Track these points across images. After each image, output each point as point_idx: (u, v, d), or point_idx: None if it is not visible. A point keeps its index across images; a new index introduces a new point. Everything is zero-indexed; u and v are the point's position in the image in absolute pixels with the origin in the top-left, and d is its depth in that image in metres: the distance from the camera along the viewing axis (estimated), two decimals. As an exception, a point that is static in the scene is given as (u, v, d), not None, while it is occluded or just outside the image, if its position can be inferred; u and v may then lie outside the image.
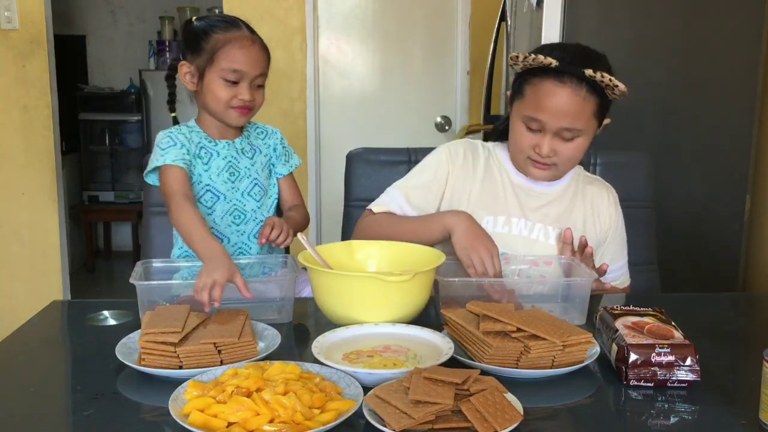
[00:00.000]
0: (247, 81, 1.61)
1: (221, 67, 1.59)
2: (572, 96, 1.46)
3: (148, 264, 1.42)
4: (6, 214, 3.33)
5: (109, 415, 1.00)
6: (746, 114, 2.34)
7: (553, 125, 1.48)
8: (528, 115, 1.51)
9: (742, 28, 2.30)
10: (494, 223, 1.59)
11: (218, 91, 1.61)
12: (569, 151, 1.52)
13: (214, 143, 1.67)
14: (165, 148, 1.59)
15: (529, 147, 1.54)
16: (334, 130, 3.71)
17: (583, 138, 1.52)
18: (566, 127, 1.48)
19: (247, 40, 1.61)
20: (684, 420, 1.01)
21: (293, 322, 1.36)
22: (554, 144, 1.51)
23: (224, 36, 1.60)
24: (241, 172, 1.68)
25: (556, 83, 1.47)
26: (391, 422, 0.90)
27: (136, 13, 5.32)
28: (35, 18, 3.23)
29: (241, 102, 1.61)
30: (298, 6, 3.55)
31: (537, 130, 1.51)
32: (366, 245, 1.52)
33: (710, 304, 1.56)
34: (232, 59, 1.59)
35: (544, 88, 1.48)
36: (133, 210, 4.88)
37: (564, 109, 1.46)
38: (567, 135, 1.50)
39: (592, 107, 1.49)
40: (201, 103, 1.67)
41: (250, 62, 1.60)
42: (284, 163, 1.76)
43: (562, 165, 1.55)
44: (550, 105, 1.47)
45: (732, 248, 2.39)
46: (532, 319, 1.14)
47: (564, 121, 1.47)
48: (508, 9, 2.86)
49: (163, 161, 1.57)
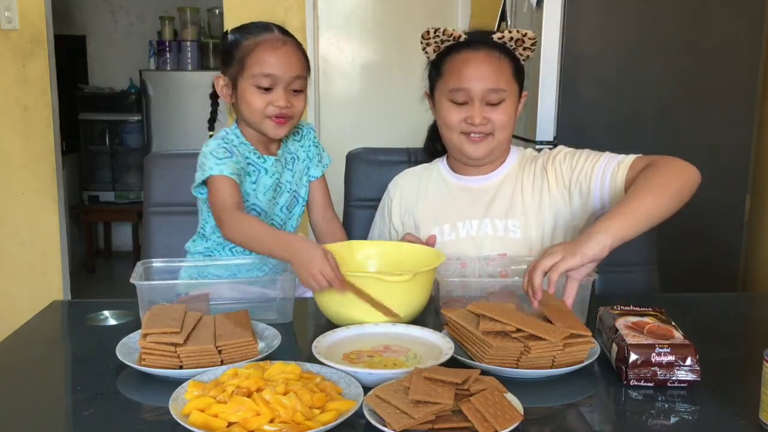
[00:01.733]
0: (281, 86, 1.50)
1: (252, 74, 1.50)
2: (488, 58, 1.53)
3: (148, 264, 1.42)
4: (6, 214, 3.33)
5: (109, 415, 1.00)
6: (746, 114, 2.34)
7: (478, 89, 1.51)
8: (452, 88, 1.54)
9: (742, 28, 2.30)
10: (441, 233, 1.60)
11: (252, 100, 1.50)
12: (500, 116, 1.54)
13: (263, 159, 1.58)
14: (222, 158, 1.48)
15: (459, 121, 1.54)
16: (334, 130, 3.71)
17: (509, 102, 1.54)
18: (491, 88, 1.51)
19: (278, 41, 1.52)
20: (684, 420, 1.01)
21: (293, 322, 1.36)
22: (484, 111, 1.53)
23: (253, 41, 1.51)
24: (282, 187, 1.61)
25: (470, 51, 1.54)
26: (392, 422, 0.90)
27: (136, 13, 5.31)
28: (35, 18, 3.23)
29: (277, 109, 1.50)
30: (298, 6, 3.55)
31: (464, 102, 1.53)
32: (366, 245, 1.52)
33: (710, 304, 1.56)
34: (263, 63, 1.49)
35: (461, 59, 1.54)
36: (133, 210, 4.88)
37: (484, 72, 1.52)
38: (494, 98, 1.52)
39: (509, 68, 1.54)
40: (238, 115, 1.58)
41: (281, 64, 1.50)
42: (317, 164, 1.68)
43: (497, 133, 1.55)
44: (471, 70, 1.52)
45: (732, 248, 2.39)
46: (531, 319, 1.14)
47: (487, 82, 1.51)
48: (508, 9, 2.86)
49: (219, 171, 1.46)
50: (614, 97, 2.33)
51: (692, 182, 1.41)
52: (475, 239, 1.57)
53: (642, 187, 1.35)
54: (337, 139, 3.69)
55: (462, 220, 1.59)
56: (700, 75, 2.32)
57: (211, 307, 1.32)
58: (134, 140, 5.08)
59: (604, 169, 1.50)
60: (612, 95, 2.33)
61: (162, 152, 2.75)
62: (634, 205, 1.31)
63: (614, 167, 1.49)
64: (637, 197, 1.33)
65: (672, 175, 1.38)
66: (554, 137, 2.31)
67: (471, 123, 1.53)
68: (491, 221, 1.57)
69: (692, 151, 2.34)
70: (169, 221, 1.82)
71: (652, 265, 1.86)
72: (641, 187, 1.35)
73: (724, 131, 2.35)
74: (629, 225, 1.28)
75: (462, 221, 1.59)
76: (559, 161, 1.57)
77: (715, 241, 2.38)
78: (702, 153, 2.35)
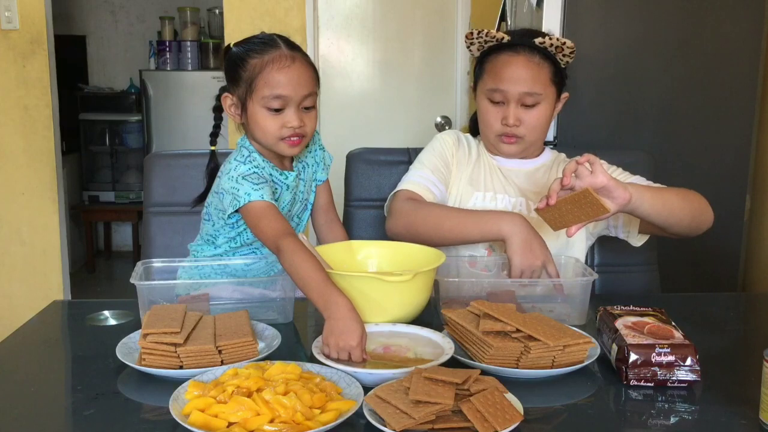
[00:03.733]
0: (293, 106, 1.43)
1: (262, 95, 1.42)
2: (527, 62, 1.58)
3: (148, 264, 1.42)
4: (6, 214, 3.33)
5: (109, 415, 1.00)
6: (746, 114, 2.34)
7: (514, 91, 1.58)
8: (490, 87, 1.61)
9: (742, 28, 2.30)
10: (483, 198, 1.66)
11: (264, 123, 1.44)
12: (533, 120, 1.60)
13: (284, 176, 1.53)
14: (258, 183, 1.42)
15: (495, 120, 1.62)
16: (334, 130, 3.71)
17: (545, 104, 1.60)
18: (527, 92, 1.57)
19: (287, 59, 1.43)
20: (684, 420, 1.01)
21: (293, 322, 1.36)
22: (518, 113, 1.59)
23: (260, 59, 1.43)
24: (297, 197, 1.59)
25: (510, 54, 1.59)
26: (392, 422, 0.90)
27: (136, 13, 5.32)
28: (35, 18, 3.23)
29: (291, 130, 1.44)
30: (298, 6, 3.54)
31: (500, 102, 1.60)
32: (366, 245, 1.52)
33: (710, 304, 1.56)
34: (273, 84, 1.42)
35: (501, 60, 1.60)
36: (134, 210, 4.88)
37: (522, 75, 1.58)
38: (529, 100, 1.58)
39: (547, 72, 1.60)
40: (249, 135, 1.51)
41: (292, 84, 1.42)
42: (323, 168, 1.66)
43: (528, 135, 1.62)
44: (509, 73, 1.58)
45: (732, 248, 2.39)
46: (531, 320, 1.14)
47: (523, 85, 1.57)
48: (508, 9, 2.86)
49: (260, 197, 1.39)
50: (614, 97, 2.33)
51: (707, 218, 1.55)
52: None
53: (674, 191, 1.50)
54: (337, 139, 3.68)
55: (502, 193, 1.66)
56: (700, 75, 2.32)
57: (211, 307, 1.33)
58: (134, 140, 5.08)
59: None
60: (612, 95, 2.33)
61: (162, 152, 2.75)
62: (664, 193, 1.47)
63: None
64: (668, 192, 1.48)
65: (697, 202, 1.53)
66: (554, 137, 2.31)
67: (505, 124, 1.60)
68: (526, 201, 1.65)
69: (692, 151, 2.36)
70: (169, 221, 1.82)
71: (652, 265, 1.86)
72: (673, 190, 1.50)
73: (724, 131, 2.35)
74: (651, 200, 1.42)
75: (502, 194, 1.66)
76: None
77: (715, 241, 2.38)
78: (702, 153, 2.35)
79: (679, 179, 2.32)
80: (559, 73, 1.63)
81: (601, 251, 1.83)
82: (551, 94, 1.62)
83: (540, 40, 1.57)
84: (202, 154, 1.67)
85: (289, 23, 3.55)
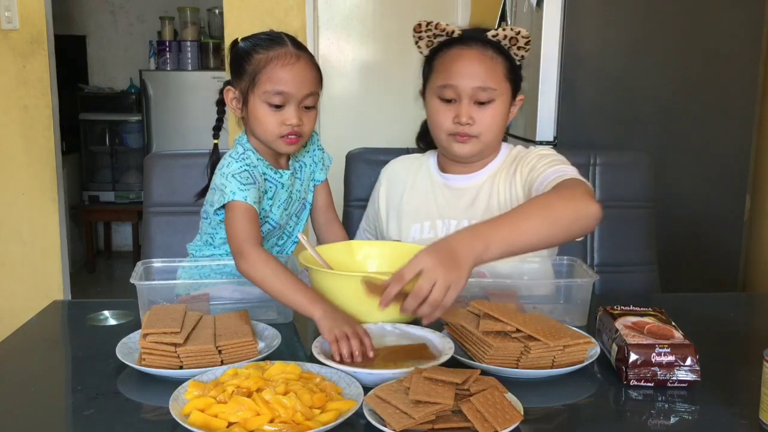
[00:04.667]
0: (294, 103, 1.45)
1: (264, 90, 1.44)
2: (480, 56, 1.49)
3: (148, 264, 1.42)
4: (6, 214, 3.33)
5: (109, 415, 1.00)
6: (746, 114, 2.34)
7: (466, 87, 1.48)
8: (440, 84, 1.51)
9: (742, 28, 2.30)
10: (420, 230, 1.59)
11: (263, 118, 1.46)
12: (487, 118, 1.50)
13: (279, 174, 1.54)
14: (246, 183, 1.43)
15: (446, 119, 1.51)
16: (334, 130, 3.71)
17: (499, 102, 1.50)
18: (480, 86, 1.48)
19: (291, 56, 1.45)
20: (684, 420, 1.01)
21: (293, 322, 1.36)
22: (471, 110, 1.49)
23: (266, 55, 1.45)
24: (293, 196, 1.59)
25: (462, 47, 1.51)
26: (392, 422, 0.90)
27: (136, 13, 5.31)
28: (35, 18, 3.23)
29: (289, 128, 1.45)
30: (298, 6, 3.54)
31: (452, 99, 1.50)
32: (366, 245, 1.52)
33: (710, 304, 1.56)
34: (276, 80, 1.43)
35: (451, 54, 1.51)
36: (134, 210, 4.88)
37: (474, 69, 1.48)
38: (483, 96, 1.48)
39: (501, 68, 1.50)
40: (248, 130, 1.53)
41: (295, 81, 1.44)
42: (322, 168, 1.66)
43: (483, 135, 1.51)
44: (460, 67, 1.49)
45: (732, 248, 2.39)
46: (531, 320, 1.14)
47: (476, 80, 1.48)
48: (508, 9, 2.86)
49: (243, 197, 1.41)
50: (614, 97, 2.33)
51: (587, 215, 1.27)
52: None
53: (538, 207, 1.27)
54: (337, 139, 3.67)
55: (442, 218, 1.58)
56: (700, 75, 2.32)
57: (211, 307, 1.33)
58: (134, 140, 5.08)
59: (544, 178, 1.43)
60: (612, 95, 2.33)
61: (162, 152, 2.74)
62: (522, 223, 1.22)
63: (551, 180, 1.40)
64: (529, 220, 1.23)
65: (568, 209, 1.27)
66: (554, 137, 2.31)
67: (458, 122, 1.50)
68: (469, 222, 1.54)
69: (692, 151, 2.36)
70: (169, 221, 1.82)
71: (652, 265, 1.86)
72: (538, 206, 1.28)
73: (724, 131, 2.35)
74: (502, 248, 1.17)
75: (442, 220, 1.58)
76: (526, 163, 1.53)
77: (715, 241, 2.38)
78: (702, 153, 2.36)
79: (679, 179, 2.34)
80: (514, 71, 1.53)
81: (601, 251, 1.83)
82: (506, 92, 1.52)
83: (492, 33, 1.49)
84: (202, 154, 1.67)
85: (289, 23, 3.55)
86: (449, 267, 1.09)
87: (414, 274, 1.08)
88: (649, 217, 1.87)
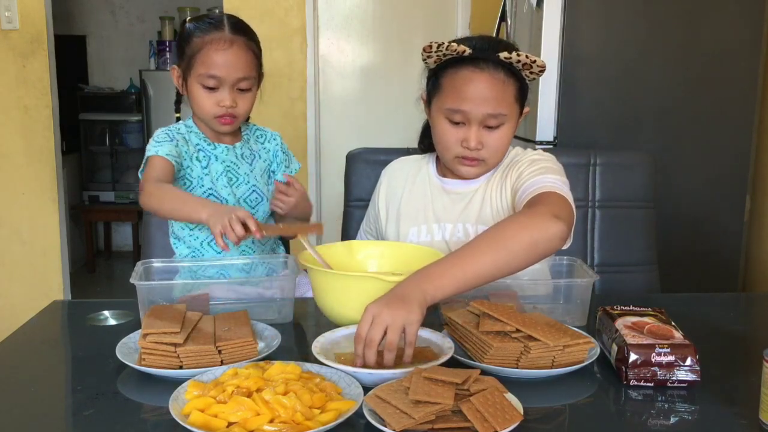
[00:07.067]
0: (227, 86, 1.54)
1: (198, 73, 1.54)
2: (491, 80, 1.43)
3: (148, 264, 1.42)
4: (6, 214, 3.34)
5: (109, 415, 1.00)
6: (746, 114, 2.34)
7: (477, 113, 1.44)
8: (449, 107, 1.46)
9: (742, 28, 2.30)
10: (417, 234, 1.58)
11: (199, 99, 1.56)
12: (496, 142, 1.48)
13: (213, 146, 1.64)
14: (160, 141, 1.56)
15: (455, 142, 1.48)
16: (335, 130, 3.71)
17: (508, 125, 1.48)
18: (491, 113, 1.44)
19: (225, 42, 1.53)
20: (684, 420, 1.01)
21: (293, 322, 1.36)
22: (481, 135, 1.46)
23: (201, 39, 1.54)
24: (239, 179, 1.64)
25: (473, 70, 1.44)
26: (392, 422, 0.90)
27: (136, 13, 5.31)
28: (35, 18, 3.23)
29: (223, 109, 1.55)
30: (298, 6, 3.55)
31: (461, 122, 1.46)
32: (366, 245, 1.52)
33: (710, 304, 1.56)
34: (209, 64, 1.52)
35: (462, 77, 1.45)
36: (134, 210, 4.87)
37: (486, 95, 1.43)
38: (492, 122, 1.45)
39: (512, 91, 1.46)
40: (191, 108, 1.63)
41: (227, 66, 1.52)
42: (285, 169, 1.72)
43: (490, 158, 1.50)
44: (471, 92, 1.43)
45: (732, 248, 2.39)
46: (531, 320, 1.14)
47: (487, 107, 1.44)
48: (508, 9, 2.86)
49: (155, 152, 1.53)
50: (614, 97, 2.33)
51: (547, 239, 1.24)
52: (449, 243, 1.55)
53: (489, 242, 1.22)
54: (337, 139, 3.69)
55: (438, 222, 1.57)
56: (700, 75, 2.32)
57: (211, 307, 1.33)
58: (134, 140, 5.08)
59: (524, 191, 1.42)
60: (612, 95, 2.33)
61: (162, 152, 2.74)
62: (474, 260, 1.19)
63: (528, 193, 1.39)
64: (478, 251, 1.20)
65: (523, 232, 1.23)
66: (554, 137, 2.31)
67: (466, 147, 1.47)
68: (463, 226, 1.55)
69: (692, 152, 2.36)
70: (168, 221, 1.82)
71: (652, 265, 1.86)
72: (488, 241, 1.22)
73: (725, 131, 2.35)
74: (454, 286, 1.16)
75: (438, 224, 1.57)
76: (516, 169, 1.51)
77: (715, 242, 2.38)
78: (702, 153, 2.36)
79: (679, 179, 2.34)
80: (523, 90, 1.49)
81: (601, 251, 1.83)
82: (515, 113, 1.49)
83: (506, 55, 1.41)
84: (202, 154, 1.67)
85: (289, 23, 3.55)
86: (396, 307, 1.09)
87: (368, 326, 1.09)
88: (649, 217, 1.87)
